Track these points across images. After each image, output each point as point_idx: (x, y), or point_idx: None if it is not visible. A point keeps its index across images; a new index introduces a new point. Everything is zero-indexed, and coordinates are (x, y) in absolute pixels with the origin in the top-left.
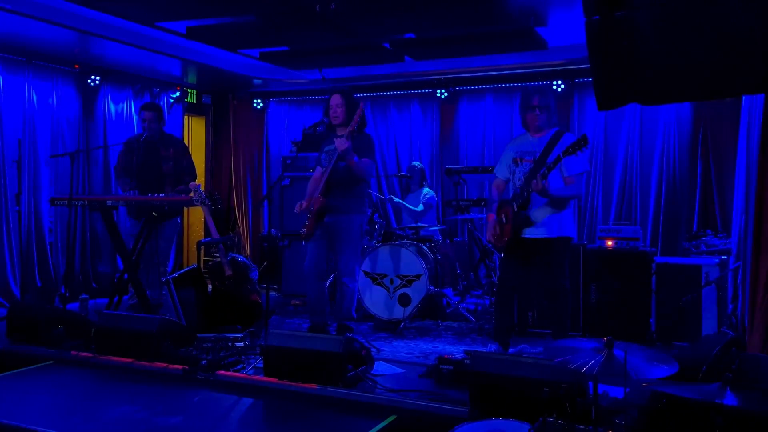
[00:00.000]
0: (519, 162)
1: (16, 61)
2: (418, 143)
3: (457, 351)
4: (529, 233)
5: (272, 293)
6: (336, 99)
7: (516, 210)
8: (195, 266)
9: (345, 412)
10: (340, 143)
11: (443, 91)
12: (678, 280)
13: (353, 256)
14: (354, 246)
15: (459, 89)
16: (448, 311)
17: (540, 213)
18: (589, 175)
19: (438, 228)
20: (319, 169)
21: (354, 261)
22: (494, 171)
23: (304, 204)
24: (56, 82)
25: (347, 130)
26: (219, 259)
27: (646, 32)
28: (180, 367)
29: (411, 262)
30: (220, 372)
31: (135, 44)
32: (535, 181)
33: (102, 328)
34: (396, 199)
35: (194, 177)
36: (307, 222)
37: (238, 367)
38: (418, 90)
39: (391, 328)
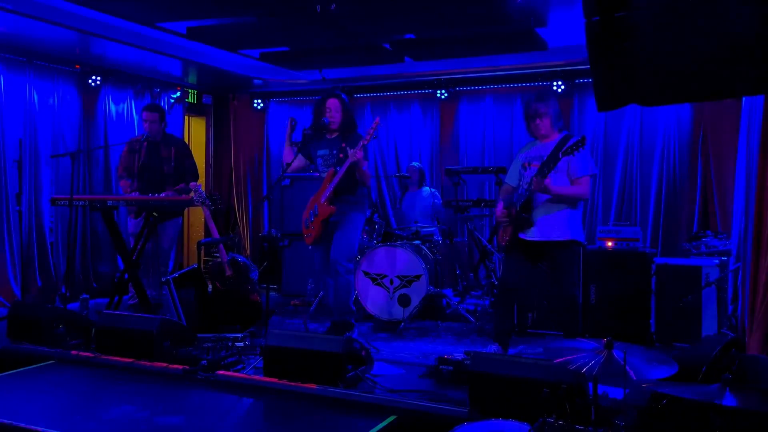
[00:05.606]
0: (527, 167)
1: (18, 61)
2: (418, 144)
3: (456, 351)
4: (529, 235)
5: (272, 293)
6: (334, 103)
7: (518, 210)
8: (195, 266)
9: (345, 413)
10: (354, 154)
11: (443, 91)
12: (678, 281)
13: (347, 245)
14: (349, 236)
15: (459, 90)
16: (448, 312)
17: (540, 215)
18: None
19: (438, 228)
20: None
21: (348, 250)
22: (504, 179)
23: (308, 211)
24: (57, 82)
25: (362, 142)
26: (219, 259)
27: (646, 33)
28: (180, 367)
29: (410, 262)
30: (220, 372)
31: (136, 44)
32: (536, 179)
33: (102, 328)
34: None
35: (196, 177)
36: (312, 227)
37: (238, 367)
38: (418, 90)
39: (391, 329)
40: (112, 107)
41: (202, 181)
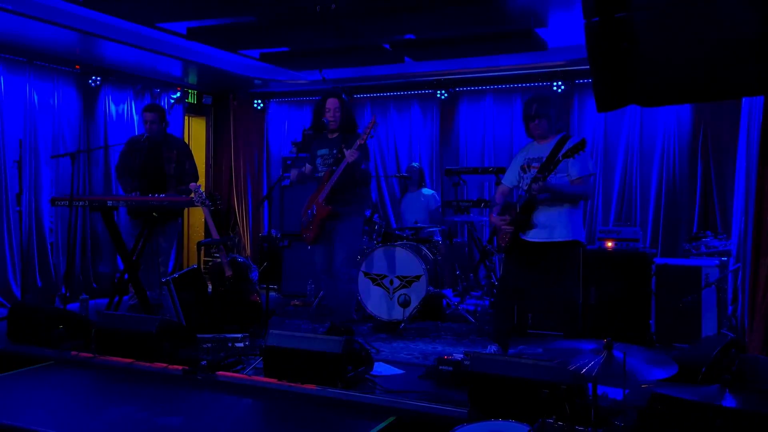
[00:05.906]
0: (527, 169)
1: (17, 62)
2: (417, 144)
3: (456, 352)
4: (530, 236)
5: (272, 293)
6: (334, 102)
7: (518, 211)
8: (195, 267)
9: (344, 413)
10: (350, 155)
11: (443, 91)
12: (678, 281)
13: (349, 252)
14: (352, 245)
15: (459, 90)
16: (447, 312)
17: (540, 216)
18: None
19: (438, 229)
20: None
21: (351, 260)
22: (502, 179)
23: (306, 210)
24: (57, 82)
25: (358, 142)
26: (219, 260)
27: (645, 34)
28: (180, 367)
29: (410, 263)
30: (219, 372)
31: (136, 45)
32: (536, 181)
33: (102, 329)
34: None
35: (196, 179)
36: (310, 227)
37: (238, 367)
38: (417, 91)
39: (391, 329)
40: (112, 107)
41: (202, 181)
